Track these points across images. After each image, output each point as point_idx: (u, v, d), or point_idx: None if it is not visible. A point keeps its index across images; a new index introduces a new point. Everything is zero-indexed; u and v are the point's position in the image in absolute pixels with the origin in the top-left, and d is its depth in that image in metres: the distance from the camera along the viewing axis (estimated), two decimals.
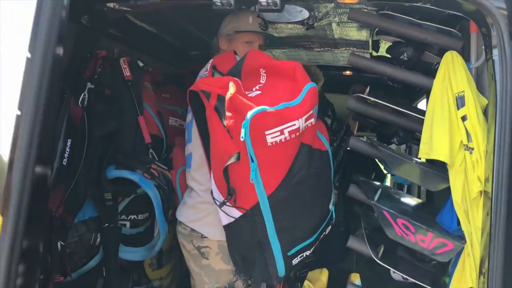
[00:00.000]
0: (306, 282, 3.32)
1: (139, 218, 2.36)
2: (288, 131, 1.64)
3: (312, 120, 1.73)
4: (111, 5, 2.30)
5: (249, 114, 1.62)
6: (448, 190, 1.81)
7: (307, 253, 1.87)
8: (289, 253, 1.81)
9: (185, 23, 2.92)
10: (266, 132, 1.63)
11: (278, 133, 1.63)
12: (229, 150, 1.70)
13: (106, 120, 2.16)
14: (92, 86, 2.15)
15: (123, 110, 2.29)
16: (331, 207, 1.98)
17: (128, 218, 2.34)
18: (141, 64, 2.44)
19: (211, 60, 2.05)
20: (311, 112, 1.72)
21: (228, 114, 1.69)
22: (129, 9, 2.41)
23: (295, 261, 1.83)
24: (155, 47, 3.20)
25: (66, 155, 1.92)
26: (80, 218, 2.10)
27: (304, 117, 1.68)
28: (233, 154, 1.68)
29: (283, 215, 1.77)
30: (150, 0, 2.14)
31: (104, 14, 2.37)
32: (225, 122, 1.70)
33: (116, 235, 2.19)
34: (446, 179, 1.77)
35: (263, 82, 1.86)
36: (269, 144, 1.64)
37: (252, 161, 1.66)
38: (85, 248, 2.10)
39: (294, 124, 1.65)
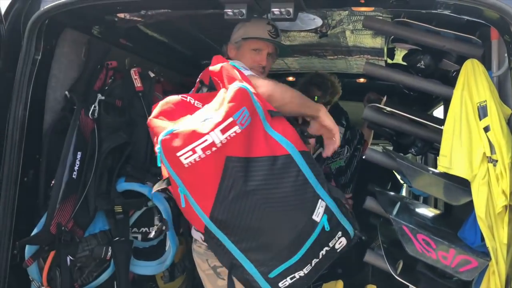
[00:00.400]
0: None
1: (151, 230, 2.32)
2: (201, 148, 1.50)
3: (236, 128, 1.52)
4: (121, 15, 2.29)
5: (159, 138, 1.52)
6: (469, 202, 1.73)
7: (301, 274, 1.70)
8: (270, 275, 1.68)
9: (196, 33, 2.89)
10: (178, 154, 1.50)
11: (191, 153, 1.50)
12: (164, 175, 1.65)
13: (117, 132, 2.14)
14: (103, 98, 2.13)
15: (134, 121, 2.26)
16: (317, 218, 1.68)
17: (140, 230, 2.30)
18: (152, 74, 2.41)
19: (201, 73, 1.97)
20: (231, 120, 1.51)
21: (154, 139, 1.60)
22: (140, 19, 2.38)
23: (283, 284, 1.69)
24: (166, 56, 3.19)
25: (76, 168, 1.89)
26: (91, 232, 2.07)
27: (218, 129, 1.50)
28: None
29: (240, 236, 1.61)
30: (160, 10, 2.10)
31: (115, 24, 2.36)
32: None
33: (127, 249, 2.15)
34: (469, 193, 1.70)
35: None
36: (186, 165, 1.51)
37: (179, 185, 1.58)
38: (96, 262, 2.06)
39: (206, 140, 1.49)
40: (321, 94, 3.11)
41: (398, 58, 2.72)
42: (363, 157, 2.11)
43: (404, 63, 2.35)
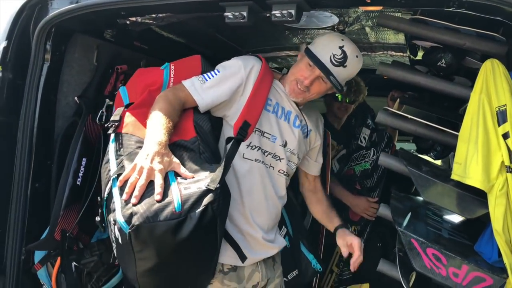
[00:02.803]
0: None
1: None
2: None
3: None
4: (133, 18, 2.26)
5: None
6: None
7: None
8: None
9: (213, 32, 2.84)
10: None
11: None
12: None
13: None
14: (111, 103, 2.11)
15: None
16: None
17: None
18: None
19: None
20: None
21: None
22: (152, 21, 2.36)
23: None
24: (184, 57, 3.15)
25: (80, 174, 1.90)
26: (99, 237, 2.07)
27: None
28: None
29: None
30: (163, 14, 2.06)
31: (128, 27, 2.34)
32: None
33: None
34: (486, 204, 1.57)
35: None
36: None
37: None
38: (105, 267, 2.07)
39: None
40: (344, 93, 3.02)
41: (421, 54, 2.57)
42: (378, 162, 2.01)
43: None
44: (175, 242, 1.42)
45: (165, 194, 1.45)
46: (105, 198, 1.61)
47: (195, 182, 1.50)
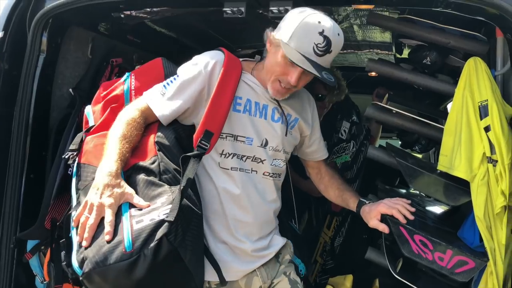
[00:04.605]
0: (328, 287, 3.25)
1: None
2: None
3: None
4: (127, 12, 2.30)
5: None
6: None
7: None
8: None
9: (205, 28, 2.89)
10: None
11: None
12: None
13: None
14: None
15: None
16: None
17: None
18: None
19: None
20: None
21: None
22: (146, 15, 2.39)
23: None
24: (176, 52, 3.19)
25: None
26: None
27: None
28: None
29: None
30: (158, 8, 2.11)
31: (122, 21, 2.37)
32: None
33: None
34: (469, 193, 1.68)
35: None
36: None
37: None
38: None
39: None
40: (327, 94, 3.00)
41: (407, 53, 2.68)
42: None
43: None
44: (133, 283, 1.32)
45: (116, 232, 1.33)
46: (70, 237, 1.50)
47: (149, 212, 1.38)
